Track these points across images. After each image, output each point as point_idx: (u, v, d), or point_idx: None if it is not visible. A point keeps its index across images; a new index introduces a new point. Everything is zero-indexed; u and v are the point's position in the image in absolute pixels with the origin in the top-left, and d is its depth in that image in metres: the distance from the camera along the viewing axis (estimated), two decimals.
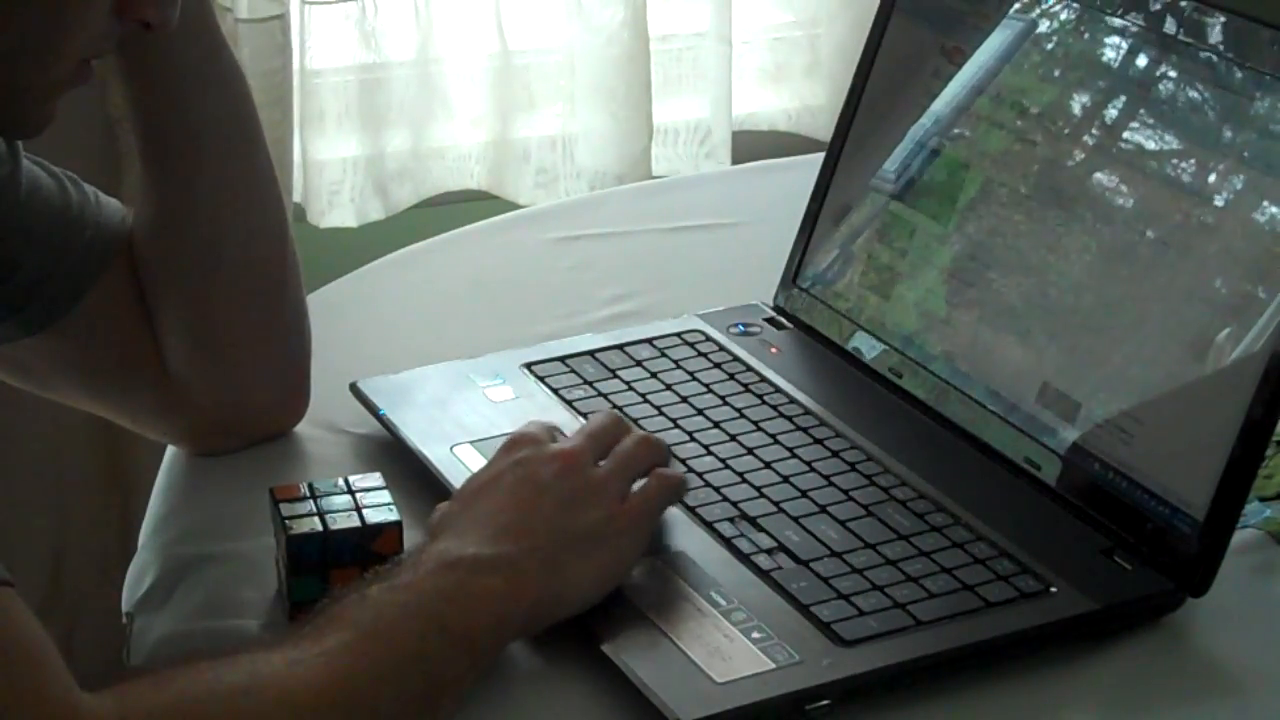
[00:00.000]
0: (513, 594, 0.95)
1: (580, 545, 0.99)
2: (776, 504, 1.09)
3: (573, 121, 2.08)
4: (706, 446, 1.14)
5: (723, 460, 1.13)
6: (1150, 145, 1.10)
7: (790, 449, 1.14)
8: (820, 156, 1.32)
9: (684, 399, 1.20)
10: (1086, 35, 1.15)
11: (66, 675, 0.85)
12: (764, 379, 1.23)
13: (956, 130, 1.22)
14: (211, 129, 1.12)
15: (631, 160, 2.07)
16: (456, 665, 0.93)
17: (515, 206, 2.04)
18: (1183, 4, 1.10)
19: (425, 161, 2.06)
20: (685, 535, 1.06)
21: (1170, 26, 1.10)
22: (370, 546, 1.01)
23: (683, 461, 1.12)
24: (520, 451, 1.03)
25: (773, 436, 1.16)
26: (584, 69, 2.06)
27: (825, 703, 0.95)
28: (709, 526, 1.07)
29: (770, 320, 1.31)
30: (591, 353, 1.26)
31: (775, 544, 1.05)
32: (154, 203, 1.13)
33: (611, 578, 1.00)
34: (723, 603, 1.00)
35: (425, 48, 2.02)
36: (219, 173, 1.12)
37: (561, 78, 2.08)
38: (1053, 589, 1.02)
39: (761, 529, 1.06)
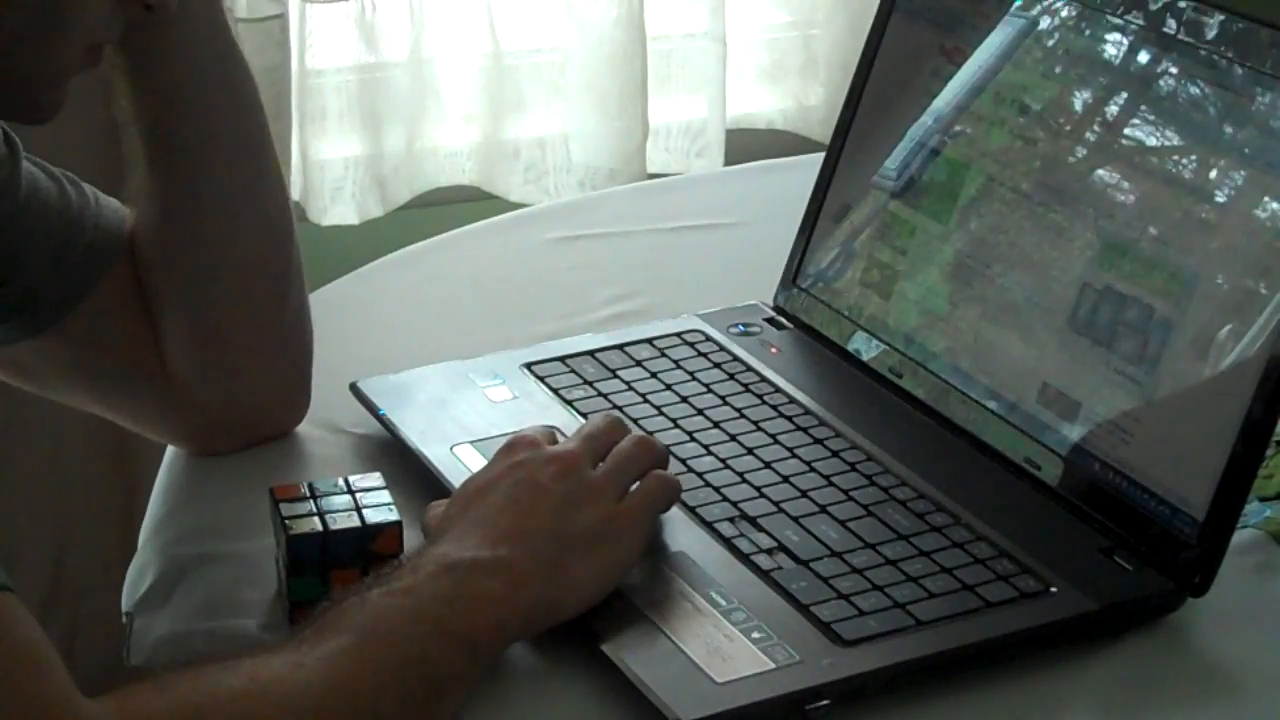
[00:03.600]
0: (511, 597, 0.95)
1: (578, 547, 0.99)
2: (776, 504, 1.09)
3: (565, 120, 2.09)
4: (706, 446, 1.14)
5: (723, 460, 1.13)
6: (1151, 142, 1.10)
7: (790, 449, 1.14)
8: (819, 156, 1.32)
9: (684, 399, 1.20)
10: (1087, 33, 1.15)
11: (67, 681, 0.85)
12: (764, 379, 1.22)
13: (957, 129, 1.22)
14: (219, 131, 1.12)
15: (624, 159, 2.07)
16: (456, 668, 0.93)
17: (509, 204, 2.04)
18: (1182, 4, 1.10)
19: (419, 160, 2.06)
20: (685, 535, 1.06)
21: (1170, 26, 1.10)
22: (370, 546, 1.01)
23: (683, 461, 1.12)
24: (518, 454, 1.03)
25: (773, 436, 1.16)
26: (576, 68, 2.06)
27: (825, 703, 0.95)
28: (709, 526, 1.07)
29: (770, 320, 1.31)
30: (591, 353, 1.26)
31: (775, 544, 1.05)
32: (158, 204, 1.13)
33: (610, 579, 1.00)
34: (723, 603, 1.00)
35: (418, 47, 2.02)
36: (226, 175, 1.12)
37: (553, 77, 2.08)
38: (1053, 589, 1.02)
39: (761, 529, 1.06)
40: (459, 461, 1.12)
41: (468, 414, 1.18)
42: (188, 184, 1.12)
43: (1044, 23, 1.18)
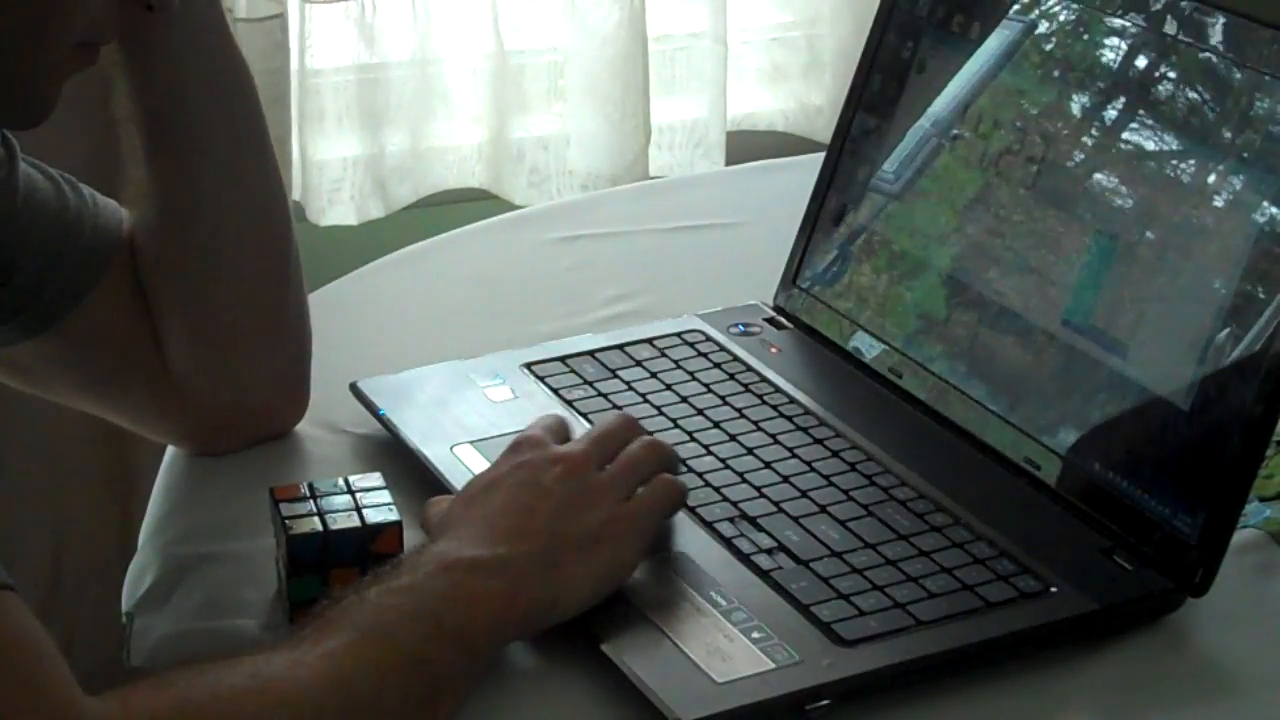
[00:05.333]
0: (510, 596, 0.95)
1: (578, 548, 0.99)
2: (776, 504, 1.09)
3: (567, 122, 2.09)
4: (706, 446, 1.14)
5: (723, 460, 1.13)
6: (1149, 145, 1.10)
7: (790, 449, 1.14)
8: (819, 156, 1.32)
9: (684, 399, 1.20)
10: (1086, 36, 1.15)
11: (70, 679, 0.85)
12: (764, 379, 1.23)
13: (956, 131, 1.22)
14: (218, 129, 1.12)
15: (627, 162, 2.07)
16: (456, 666, 0.93)
17: (512, 205, 2.04)
18: (1182, 4, 1.10)
19: (423, 160, 2.06)
20: (685, 535, 1.06)
21: (1170, 27, 1.10)
22: (370, 546, 1.01)
23: (683, 461, 1.12)
24: (523, 454, 1.03)
25: (773, 436, 1.16)
26: (579, 70, 2.06)
27: (825, 703, 0.95)
28: (709, 526, 1.07)
29: (770, 320, 1.31)
30: (591, 353, 1.26)
31: (775, 544, 1.05)
32: (158, 203, 1.13)
33: (610, 582, 1.00)
34: (723, 603, 1.00)
35: (423, 47, 2.02)
36: (224, 173, 1.12)
37: (557, 78, 2.08)
38: (1053, 589, 1.02)
39: (761, 529, 1.06)
40: (459, 461, 1.12)
41: (468, 414, 1.18)
42: (186, 182, 1.12)
43: (1043, 25, 1.18)
